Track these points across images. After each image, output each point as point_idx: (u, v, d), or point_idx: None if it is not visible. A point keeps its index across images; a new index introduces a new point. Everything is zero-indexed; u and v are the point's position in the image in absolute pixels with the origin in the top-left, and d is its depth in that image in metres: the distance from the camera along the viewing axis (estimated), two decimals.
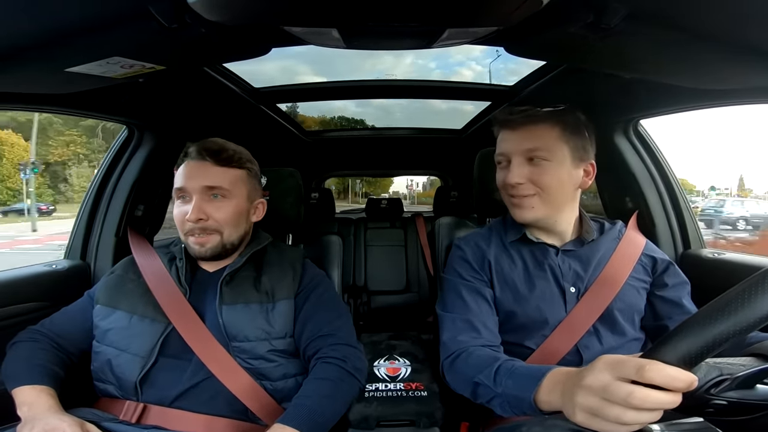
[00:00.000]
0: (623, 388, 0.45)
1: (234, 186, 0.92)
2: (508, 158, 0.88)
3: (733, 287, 0.42)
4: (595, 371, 0.49)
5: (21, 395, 0.77)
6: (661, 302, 0.88)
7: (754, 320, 0.40)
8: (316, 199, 2.59)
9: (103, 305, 0.90)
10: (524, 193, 0.86)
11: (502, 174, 0.89)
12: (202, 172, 0.89)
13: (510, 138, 0.87)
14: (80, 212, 1.31)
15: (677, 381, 0.42)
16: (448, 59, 13.28)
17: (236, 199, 0.92)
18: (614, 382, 0.46)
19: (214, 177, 0.89)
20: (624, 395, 0.44)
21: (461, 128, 2.24)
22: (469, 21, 0.71)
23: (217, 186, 0.89)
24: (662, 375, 0.43)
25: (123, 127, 1.33)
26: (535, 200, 0.86)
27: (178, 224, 0.91)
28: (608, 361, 0.48)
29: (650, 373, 0.43)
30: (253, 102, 1.48)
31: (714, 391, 0.47)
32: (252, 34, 0.80)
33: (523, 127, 0.86)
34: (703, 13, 0.60)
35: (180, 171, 0.92)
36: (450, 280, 0.94)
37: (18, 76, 0.78)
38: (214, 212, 0.89)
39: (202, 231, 0.89)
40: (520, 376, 0.67)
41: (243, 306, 0.88)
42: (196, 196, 0.88)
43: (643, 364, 0.43)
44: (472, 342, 0.83)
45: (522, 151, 0.85)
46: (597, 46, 0.73)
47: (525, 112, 0.86)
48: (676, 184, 1.30)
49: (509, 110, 0.88)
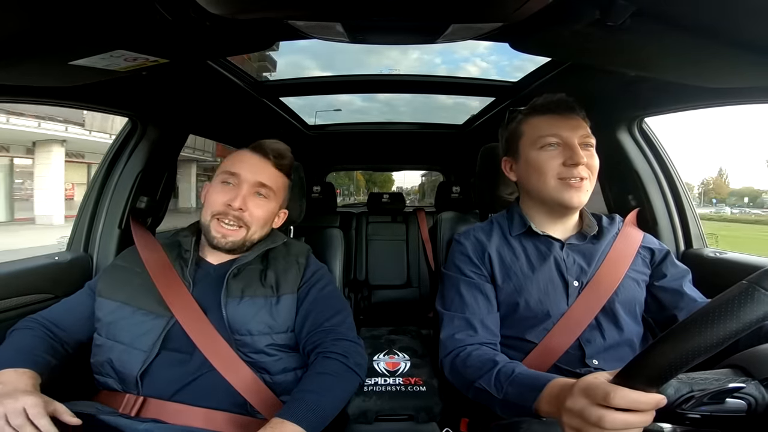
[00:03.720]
0: (595, 412, 0.49)
1: (279, 191, 0.97)
2: (564, 141, 0.87)
3: (699, 309, 0.45)
4: (574, 395, 0.53)
5: (1, 376, 0.75)
6: (663, 292, 0.89)
7: (714, 342, 0.42)
8: (318, 192, 2.59)
9: (105, 298, 0.90)
10: (584, 175, 0.86)
11: (557, 157, 0.87)
12: (260, 167, 0.94)
13: (562, 123, 0.88)
14: (83, 204, 1.31)
15: (642, 404, 0.47)
16: (453, 55, 13.21)
17: (274, 203, 0.97)
18: (588, 406, 0.50)
19: (269, 177, 0.95)
20: (596, 419, 0.49)
21: (464, 124, 2.24)
22: (475, 17, 0.70)
23: (268, 186, 0.94)
24: (627, 400, 0.47)
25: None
26: (587, 183, 0.87)
27: (212, 204, 0.92)
28: (582, 386, 0.53)
29: (615, 399, 0.47)
30: (256, 95, 1.48)
31: (685, 406, 0.50)
32: (256, 27, 0.80)
33: (572, 113, 0.89)
34: (710, 12, 0.59)
35: (236, 157, 0.94)
36: (450, 275, 0.94)
37: (22, 69, 0.78)
38: (254, 208, 0.93)
39: (235, 220, 0.91)
40: (521, 385, 0.68)
41: (249, 300, 0.89)
42: (247, 187, 0.91)
43: (608, 391, 0.48)
44: (469, 340, 0.84)
45: (579, 136, 0.87)
46: (602, 44, 0.72)
47: (570, 100, 0.89)
48: (679, 183, 1.29)
49: (559, 96, 0.90)
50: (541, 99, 0.91)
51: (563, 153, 0.86)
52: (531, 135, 0.90)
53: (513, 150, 0.95)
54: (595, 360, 0.83)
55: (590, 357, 0.83)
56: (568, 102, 0.89)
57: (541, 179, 0.88)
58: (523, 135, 0.92)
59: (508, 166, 0.98)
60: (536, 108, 0.91)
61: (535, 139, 0.89)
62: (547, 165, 0.87)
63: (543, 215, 0.93)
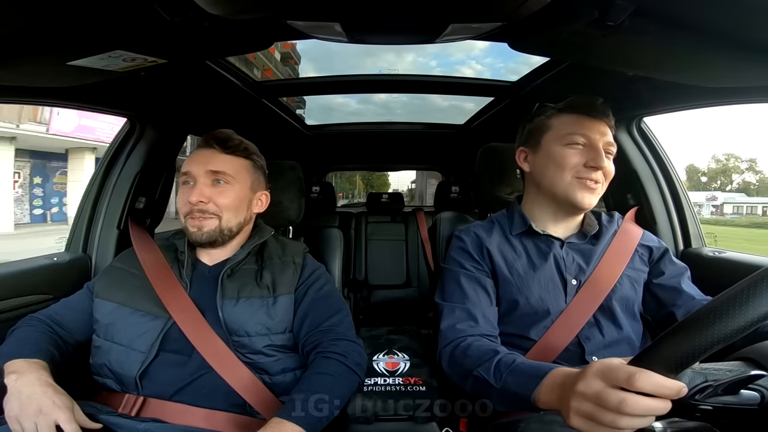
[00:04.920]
0: (615, 395, 0.46)
1: (237, 173, 0.95)
2: (590, 142, 0.88)
3: (719, 295, 0.43)
4: (588, 378, 0.50)
5: (11, 366, 0.75)
6: (661, 290, 0.90)
7: (736, 329, 0.41)
8: (317, 192, 2.59)
9: (103, 299, 0.90)
10: (600, 180, 0.88)
11: (579, 156, 0.88)
12: (208, 158, 0.93)
13: (593, 126, 0.88)
14: (82, 205, 1.31)
15: (666, 389, 0.44)
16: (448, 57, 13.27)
17: (239, 185, 0.95)
18: (606, 389, 0.47)
19: (219, 163, 0.93)
20: (616, 402, 0.46)
21: (463, 124, 2.23)
22: (474, 16, 0.70)
23: (221, 171, 0.92)
24: (651, 384, 0.44)
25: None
26: (600, 188, 0.89)
27: (180, 207, 0.93)
28: (600, 368, 0.50)
29: (640, 381, 0.44)
30: (254, 95, 1.48)
31: (699, 397, 0.48)
32: (255, 27, 0.79)
33: (604, 119, 0.89)
34: (709, 12, 0.59)
35: (188, 158, 0.94)
36: (449, 269, 0.95)
37: (20, 69, 0.77)
38: (216, 196, 0.91)
39: (201, 213, 0.90)
40: (521, 373, 0.67)
41: (245, 300, 0.88)
42: (200, 180, 0.91)
43: (632, 372, 0.45)
44: (469, 331, 0.84)
45: (605, 142, 0.88)
46: (601, 43, 0.72)
47: (608, 107, 0.90)
48: (678, 182, 1.30)
49: (592, 98, 0.91)
50: (577, 99, 0.92)
51: (587, 154, 0.87)
52: (559, 130, 0.91)
53: (534, 142, 0.95)
54: (594, 357, 0.83)
55: (590, 354, 0.84)
56: (602, 107, 0.90)
57: (558, 173, 0.89)
58: (550, 129, 0.92)
59: (523, 156, 0.97)
60: (571, 106, 0.92)
61: (563, 135, 0.90)
62: (568, 160, 0.88)
63: (548, 213, 0.94)
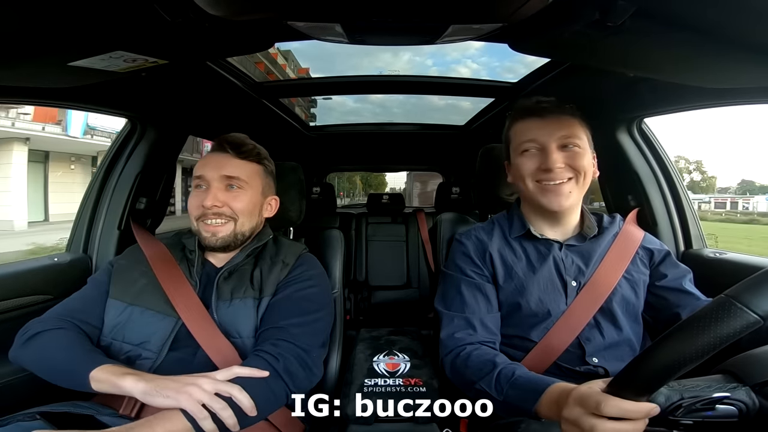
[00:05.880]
0: (588, 421, 0.52)
1: (251, 179, 0.95)
2: (541, 145, 0.88)
3: (681, 321, 0.46)
4: (569, 404, 0.56)
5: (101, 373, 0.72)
6: (664, 292, 0.90)
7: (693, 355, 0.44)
8: (317, 193, 2.59)
9: (116, 299, 0.89)
10: (563, 178, 0.86)
11: (533, 161, 0.88)
12: (222, 162, 0.93)
13: (540, 126, 0.88)
14: (82, 205, 1.31)
15: (633, 413, 0.49)
16: (444, 57, 13.26)
17: (251, 191, 0.95)
18: (582, 416, 0.53)
19: (233, 168, 0.93)
20: (589, 428, 0.51)
21: (464, 125, 2.23)
22: (474, 18, 0.70)
23: (235, 176, 0.93)
24: (617, 410, 0.49)
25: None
26: (571, 185, 0.87)
27: (192, 211, 0.92)
28: (576, 396, 0.55)
29: (606, 408, 0.50)
30: (255, 96, 1.48)
31: (676, 414, 0.51)
32: (255, 28, 0.80)
33: (552, 115, 0.88)
34: (710, 13, 0.59)
35: (201, 161, 0.94)
36: (450, 275, 0.95)
37: (20, 70, 0.77)
38: (231, 201, 0.92)
39: (217, 216, 0.90)
40: (521, 387, 0.69)
41: (238, 301, 0.88)
42: (214, 185, 0.91)
43: (600, 400, 0.50)
44: (468, 339, 0.85)
45: (557, 138, 0.87)
46: (602, 44, 0.72)
47: (553, 102, 0.89)
48: (679, 183, 1.29)
49: (536, 99, 0.90)
50: (519, 103, 0.92)
51: (539, 157, 0.88)
52: (515, 140, 0.92)
53: (507, 155, 0.97)
54: (594, 358, 0.84)
55: (590, 355, 0.84)
56: (547, 103, 0.89)
57: (522, 183, 0.91)
58: (511, 140, 0.94)
59: (508, 169, 0.99)
60: (517, 113, 0.93)
61: (518, 144, 0.91)
62: (524, 168, 0.89)
63: (539, 218, 0.94)
